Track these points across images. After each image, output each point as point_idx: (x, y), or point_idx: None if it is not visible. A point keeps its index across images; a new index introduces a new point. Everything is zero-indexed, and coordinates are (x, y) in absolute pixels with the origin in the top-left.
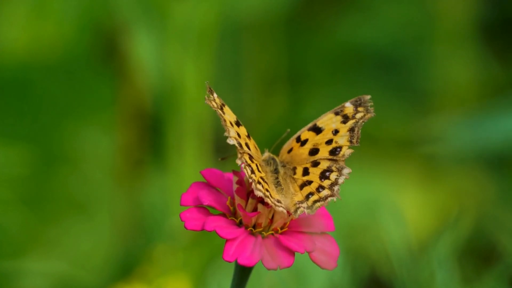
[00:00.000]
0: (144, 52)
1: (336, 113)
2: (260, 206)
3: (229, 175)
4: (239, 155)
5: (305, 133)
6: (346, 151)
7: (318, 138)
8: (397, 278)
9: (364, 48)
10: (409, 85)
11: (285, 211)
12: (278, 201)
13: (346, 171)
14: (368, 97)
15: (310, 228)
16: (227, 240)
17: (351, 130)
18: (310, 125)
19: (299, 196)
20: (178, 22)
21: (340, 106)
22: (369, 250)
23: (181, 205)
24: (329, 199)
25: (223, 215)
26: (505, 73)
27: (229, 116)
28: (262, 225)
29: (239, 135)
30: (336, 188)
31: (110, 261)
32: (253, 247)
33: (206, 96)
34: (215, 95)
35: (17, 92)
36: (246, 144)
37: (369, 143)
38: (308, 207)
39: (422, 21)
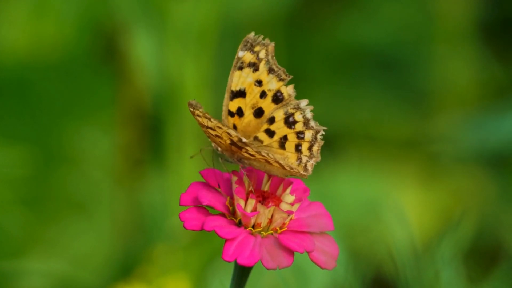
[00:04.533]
0: (144, 52)
1: (240, 68)
2: (259, 206)
3: (228, 175)
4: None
5: (231, 104)
6: (288, 90)
7: (250, 99)
8: (401, 278)
9: (364, 48)
10: (409, 85)
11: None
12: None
13: (303, 103)
14: (252, 34)
15: (310, 228)
16: (226, 240)
17: (271, 70)
18: (227, 95)
19: (292, 155)
20: (178, 22)
21: (235, 60)
22: (371, 250)
23: (180, 205)
24: (319, 136)
25: (223, 215)
26: (505, 73)
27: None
28: (262, 225)
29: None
30: (312, 123)
31: (110, 261)
32: (252, 247)
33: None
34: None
35: (17, 92)
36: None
37: (369, 143)
38: (310, 156)
39: (422, 21)
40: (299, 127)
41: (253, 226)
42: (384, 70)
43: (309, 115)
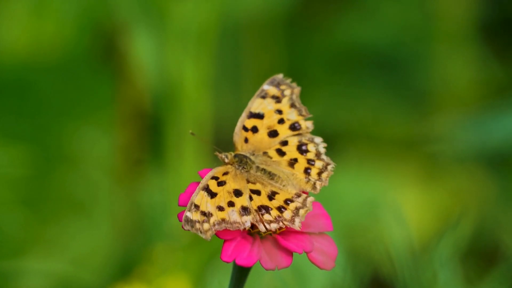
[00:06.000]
0: (144, 52)
1: (263, 97)
2: None
3: None
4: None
5: (248, 122)
6: (307, 124)
7: (267, 121)
8: (399, 278)
9: (363, 48)
10: (409, 85)
11: (310, 207)
12: (292, 199)
13: (318, 139)
14: (280, 76)
15: (308, 228)
16: (225, 241)
17: (293, 106)
18: (245, 114)
19: (299, 174)
20: (178, 22)
21: (260, 91)
22: (370, 250)
23: (179, 205)
24: (330, 167)
25: None
26: (506, 72)
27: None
28: None
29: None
30: (324, 157)
31: (110, 260)
32: (251, 248)
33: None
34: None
35: (17, 92)
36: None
37: (369, 143)
38: (318, 180)
39: (422, 20)
40: (310, 156)
41: (252, 227)
42: (384, 70)
43: (322, 150)
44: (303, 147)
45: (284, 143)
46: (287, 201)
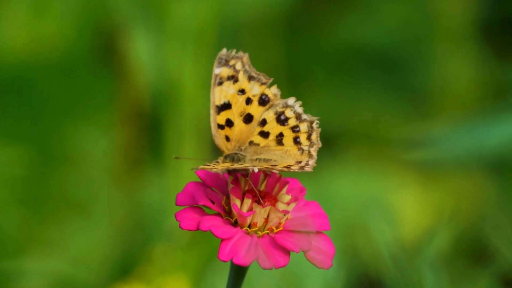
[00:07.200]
0: (143, 51)
1: (220, 83)
2: (255, 205)
3: (224, 174)
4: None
5: (219, 118)
6: (272, 91)
7: (236, 108)
8: (390, 278)
9: (364, 48)
10: (409, 85)
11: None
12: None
13: (291, 101)
14: (223, 50)
15: (306, 228)
16: (222, 240)
17: (251, 78)
18: (213, 111)
19: (292, 148)
20: (177, 22)
21: (213, 78)
22: (365, 249)
23: (176, 205)
24: (314, 125)
25: (219, 214)
26: (505, 73)
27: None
28: (258, 225)
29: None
30: (304, 116)
31: (109, 260)
32: (248, 247)
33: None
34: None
35: (16, 92)
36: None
37: (369, 143)
38: (310, 145)
39: (422, 20)
40: (292, 122)
41: (249, 226)
42: (384, 70)
43: (299, 110)
44: (282, 117)
45: (263, 122)
46: (289, 166)
